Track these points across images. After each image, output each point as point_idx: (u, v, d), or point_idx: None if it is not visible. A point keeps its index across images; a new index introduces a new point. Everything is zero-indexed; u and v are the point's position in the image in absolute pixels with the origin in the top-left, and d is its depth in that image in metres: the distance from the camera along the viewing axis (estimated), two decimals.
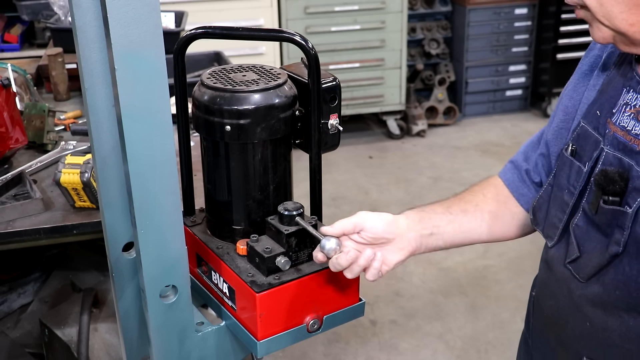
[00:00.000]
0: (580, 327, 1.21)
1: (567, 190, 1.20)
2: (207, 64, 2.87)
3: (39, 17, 3.47)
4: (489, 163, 4.78)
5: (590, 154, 1.16)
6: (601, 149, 1.14)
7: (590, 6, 1.08)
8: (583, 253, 1.17)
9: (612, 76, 1.19)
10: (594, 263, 1.14)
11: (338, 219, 1.29)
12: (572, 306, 1.22)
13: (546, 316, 1.32)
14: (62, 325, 2.11)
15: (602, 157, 1.13)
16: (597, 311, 1.17)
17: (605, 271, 1.13)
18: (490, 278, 3.52)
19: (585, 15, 1.12)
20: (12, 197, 1.84)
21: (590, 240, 1.16)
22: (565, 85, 1.34)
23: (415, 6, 5.22)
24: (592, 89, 1.24)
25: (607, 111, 1.16)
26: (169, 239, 1.12)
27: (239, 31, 1.22)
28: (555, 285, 1.26)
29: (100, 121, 1.08)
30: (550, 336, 1.32)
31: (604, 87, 1.20)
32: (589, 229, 1.16)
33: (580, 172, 1.17)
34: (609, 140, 1.13)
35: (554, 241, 1.25)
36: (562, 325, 1.26)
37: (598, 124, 1.17)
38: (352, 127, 5.24)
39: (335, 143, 1.28)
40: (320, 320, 1.22)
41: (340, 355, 3.02)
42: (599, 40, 1.12)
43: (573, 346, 1.24)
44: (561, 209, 1.21)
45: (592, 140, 1.17)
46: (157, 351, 1.21)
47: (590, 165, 1.15)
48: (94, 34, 1.03)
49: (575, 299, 1.20)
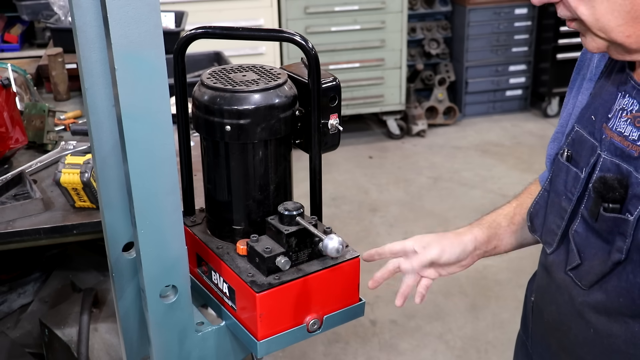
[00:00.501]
0: (583, 334, 1.19)
1: (565, 197, 1.18)
2: (207, 64, 2.87)
3: (39, 17, 3.47)
4: (489, 163, 4.78)
5: (586, 159, 1.14)
6: (598, 155, 1.12)
7: (586, 21, 1.06)
8: (584, 260, 1.15)
9: (604, 80, 1.18)
10: (596, 270, 1.13)
11: (338, 219, 1.31)
12: (574, 313, 1.20)
13: (547, 322, 1.31)
14: (62, 325, 2.11)
15: (600, 163, 1.12)
16: (601, 318, 1.15)
17: (607, 278, 1.12)
18: (490, 278, 3.52)
19: (578, 27, 1.10)
20: (12, 197, 1.84)
21: (590, 247, 1.14)
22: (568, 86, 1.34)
23: (415, 6, 5.22)
24: (585, 92, 1.22)
25: (602, 116, 1.14)
26: (169, 239, 1.12)
27: (239, 31, 1.22)
28: (555, 291, 1.25)
29: (100, 121, 1.08)
30: (551, 342, 1.31)
31: (597, 91, 1.19)
32: (588, 236, 1.14)
33: (577, 178, 1.15)
34: (606, 146, 1.12)
35: (552, 247, 1.23)
36: (565, 332, 1.24)
37: (593, 129, 1.15)
38: (352, 127, 5.24)
39: (335, 143, 1.28)
40: (320, 320, 1.22)
41: (340, 355, 3.02)
42: (592, 50, 1.10)
43: (576, 352, 1.23)
44: (559, 215, 1.20)
45: (587, 146, 1.15)
46: (157, 351, 1.21)
47: (587, 171, 1.14)
48: (94, 34, 1.03)
49: (577, 305, 1.19)
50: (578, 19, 1.08)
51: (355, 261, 1.24)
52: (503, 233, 1.41)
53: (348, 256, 1.23)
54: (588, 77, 1.24)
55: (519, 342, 1.50)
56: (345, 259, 1.22)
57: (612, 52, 1.09)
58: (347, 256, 1.23)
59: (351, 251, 1.24)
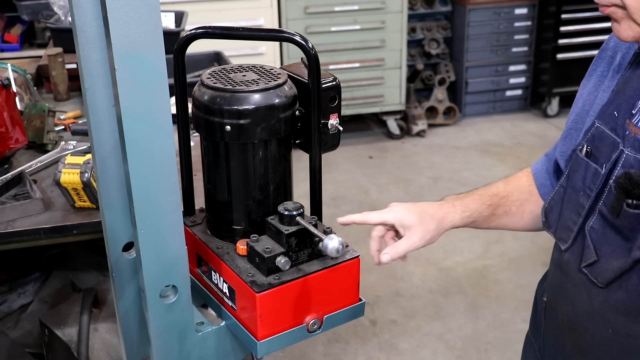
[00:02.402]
0: (601, 334, 1.18)
1: (583, 192, 1.17)
2: (207, 64, 2.87)
3: (39, 17, 3.47)
4: (489, 163, 4.78)
5: (607, 155, 1.13)
6: (621, 151, 1.11)
7: (630, 6, 1.05)
8: (601, 257, 1.14)
9: (629, 76, 1.17)
10: (614, 267, 1.11)
11: (338, 218, 1.30)
12: (591, 312, 1.19)
13: (561, 322, 1.29)
14: (62, 325, 2.11)
15: (622, 159, 1.10)
16: (620, 317, 1.14)
17: (627, 276, 1.10)
18: (490, 278, 3.52)
19: (614, 12, 1.09)
20: (12, 197, 1.84)
21: (608, 244, 1.13)
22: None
23: (415, 6, 5.22)
24: (607, 90, 1.21)
25: (625, 112, 1.13)
26: (169, 239, 1.12)
27: (239, 31, 1.22)
28: (572, 290, 1.23)
29: (100, 121, 1.08)
30: (566, 342, 1.29)
31: (620, 87, 1.17)
32: (606, 232, 1.13)
33: (597, 174, 1.14)
34: (630, 142, 1.10)
35: (567, 244, 1.22)
36: (581, 332, 1.23)
37: (616, 125, 1.14)
38: (352, 127, 5.24)
39: (335, 143, 1.28)
40: (320, 320, 1.22)
41: (340, 355, 3.02)
42: (626, 38, 1.10)
43: (593, 353, 1.21)
44: (576, 211, 1.19)
45: (609, 142, 1.14)
46: (157, 351, 1.21)
47: (608, 167, 1.12)
48: (94, 34, 1.03)
49: (597, 305, 1.17)
50: (617, 5, 1.07)
51: (355, 261, 1.23)
52: (481, 223, 1.40)
53: (348, 256, 1.23)
54: (610, 75, 1.23)
55: (527, 343, 1.48)
56: (345, 259, 1.22)
57: None
58: (347, 256, 1.23)
59: (351, 251, 1.23)
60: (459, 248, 3.74)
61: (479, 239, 3.77)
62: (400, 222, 1.31)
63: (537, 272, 1.41)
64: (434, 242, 1.34)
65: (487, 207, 1.38)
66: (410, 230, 1.31)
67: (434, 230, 1.31)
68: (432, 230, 1.31)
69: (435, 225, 1.32)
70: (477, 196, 1.39)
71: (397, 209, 1.33)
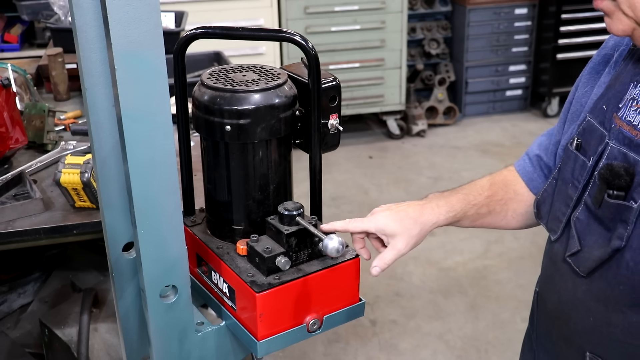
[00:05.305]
0: (583, 322, 1.21)
1: (572, 184, 1.20)
2: (207, 64, 2.87)
3: (39, 17, 3.47)
4: (489, 163, 4.78)
5: (595, 148, 1.16)
6: (606, 143, 1.14)
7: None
8: (584, 247, 1.17)
9: (620, 72, 1.19)
10: (595, 257, 1.14)
11: (338, 219, 1.30)
12: (575, 301, 1.22)
13: (549, 311, 1.32)
14: (62, 325, 2.11)
15: (607, 151, 1.13)
16: (600, 306, 1.17)
17: (608, 266, 1.13)
18: (490, 278, 3.52)
19: (606, 6, 1.11)
20: (12, 197, 1.84)
21: (591, 234, 1.16)
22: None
23: (415, 6, 5.22)
24: (602, 86, 1.24)
25: (613, 106, 1.16)
26: (169, 239, 1.12)
27: (239, 31, 1.22)
28: (559, 280, 1.27)
29: (100, 121, 1.08)
30: (553, 331, 1.32)
31: (612, 82, 1.20)
32: (590, 223, 1.16)
33: (584, 166, 1.17)
34: (615, 135, 1.13)
35: (557, 235, 1.25)
36: (565, 320, 1.26)
37: (604, 118, 1.17)
38: (352, 127, 5.24)
39: (335, 143, 1.28)
40: (320, 320, 1.22)
41: (340, 355, 3.02)
42: (617, 32, 1.11)
43: (576, 341, 1.24)
44: (565, 202, 1.22)
45: (597, 135, 1.17)
46: (157, 351, 1.21)
47: (594, 159, 1.15)
48: (94, 34, 1.03)
49: (580, 294, 1.20)
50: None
51: (355, 261, 1.24)
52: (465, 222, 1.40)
53: (348, 256, 1.23)
54: (606, 71, 1.25)
55: (526, 337, 1.50)
56: (345, 259, 1.22)
57: (637, 37, 1.11)
58: (347, 256, 1.23)
59: (351, 251, 1.24)
60: (459, 248, 3.74)
61: (479, 239, 3.77)
62: (382, 231, 1.30)
63: (537, 272, 1.41)
64: (419, 244, 1.34)
65: (472, 207, 1.38)
66: (394, 238, 1.30)
67: (417, 234, 1.31)
68: (415, 235, 1.31)
69: (419, 229, 1.32)
70: (462, 195, 1.39)
71: (378, 217, 1.31)
